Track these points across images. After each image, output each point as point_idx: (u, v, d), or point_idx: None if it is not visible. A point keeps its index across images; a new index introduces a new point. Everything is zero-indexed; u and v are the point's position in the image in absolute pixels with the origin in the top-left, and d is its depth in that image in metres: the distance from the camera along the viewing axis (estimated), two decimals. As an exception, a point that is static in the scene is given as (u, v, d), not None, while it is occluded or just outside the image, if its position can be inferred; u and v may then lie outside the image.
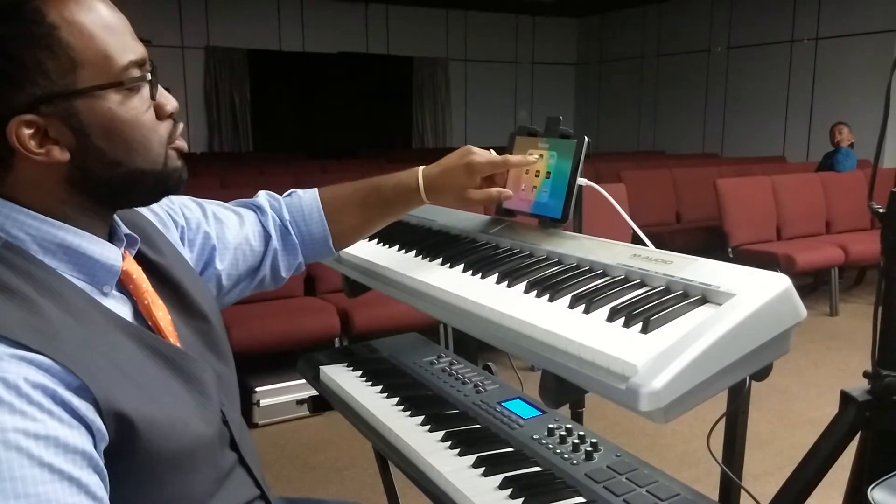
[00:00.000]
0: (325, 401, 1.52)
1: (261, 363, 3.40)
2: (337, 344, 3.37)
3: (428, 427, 1.22)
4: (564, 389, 0.87)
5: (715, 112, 9.76)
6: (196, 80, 9.56)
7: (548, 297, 0.97)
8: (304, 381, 1.62)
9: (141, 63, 0.81)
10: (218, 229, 1.11)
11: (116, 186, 0.82)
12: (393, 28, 10.70)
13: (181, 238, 1.06)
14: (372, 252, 1.33)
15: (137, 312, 0.87)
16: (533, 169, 1.21)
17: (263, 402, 3.25)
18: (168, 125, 0.86)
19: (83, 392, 0.70)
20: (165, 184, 0.87)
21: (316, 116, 10.18)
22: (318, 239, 1.18)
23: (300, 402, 3.26)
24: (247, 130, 9.93)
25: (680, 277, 0.90)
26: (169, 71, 9.01)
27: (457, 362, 1.53)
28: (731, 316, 0.78)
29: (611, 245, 1.06)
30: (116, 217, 0.89)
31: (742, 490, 1.12)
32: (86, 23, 0.76)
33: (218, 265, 1.10)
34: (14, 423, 0.65)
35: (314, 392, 1.58)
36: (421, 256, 1.25)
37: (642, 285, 0.95)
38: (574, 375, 0.83)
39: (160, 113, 0.84)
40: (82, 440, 0.68)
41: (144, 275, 0.89)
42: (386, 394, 1.37)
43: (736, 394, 1.07)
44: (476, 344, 1.70)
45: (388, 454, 1.23)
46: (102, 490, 0.70)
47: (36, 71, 0.74)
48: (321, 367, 1.53)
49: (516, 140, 1.28)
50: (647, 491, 1.01)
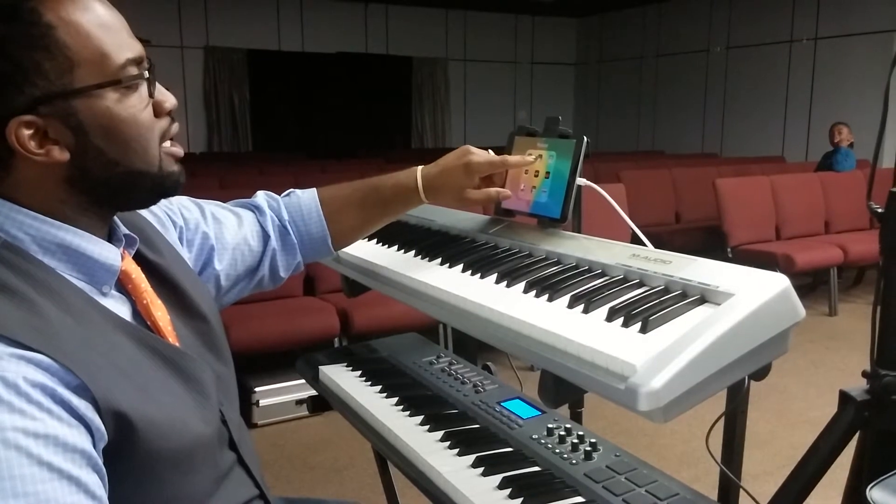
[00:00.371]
0: (325, 401, 1.52)
1: (260, 363, 3.40)
2: (336, 344, 3.37)
3: (427, 427, 1.22)
4: (563, 389, 0.88)
5: (714, 112, 9.76)
6: (195, 80, 9.56)
7: (547, 297, 0.97)
8: (304, 381, 1.61)
9: (138, 61, 0.81)
10: (216, 229, 1.11)
11: (115, 187, 0.82)
12: (392, 28, 10.70)
13: (180, 238, 1.06)
14: (371, 252, 1.33)
15: (136, 312, 0.87)
16: (532, 169, 1.21)
17: (263, 402, 3.25)
18: (164, 123, 0.85)
19: (82, 391, 0.70)
20: (162, 185, 0.86)
21: (315, 116, 10.18)
22: (317, 239, 1.18)
23: (299, 403, 3.26)
24: (246, 130, 9.94)
25: (679, 277, 0.90)
26: (168, 71, 9.00)
27: (456, 362, 1.53)
28: (730, 316, 0.78)
29: (610, 245, 1.06)
30: (116, 218, 0.89)
31: (741, 490, 1.12)
32: (82, 22, 0.76)
33: (217, 265, 1.10)
34: (13, 422, 0.65)
35: (313, 392, 1.58)
36: (420, 256, 1.25)
37: (641, 285, 0.95)
38: (573, 375, 0.83)
39: (159, 110, 0.84)
40: (81, 439, 0.68)
41: (143, 275, 0.89)
42: (385, 394, 1.37)
43: (735, 393, 1.07)
44: (475, 344, 1.70)
45: (388, 454, 1.23)
46: (101, 489, 0.70)
47: (34, 72, 0.74)
48: (320, 367, 1.53)
49: (515, 140, 1.28)
50: (647, 491, 1.01)
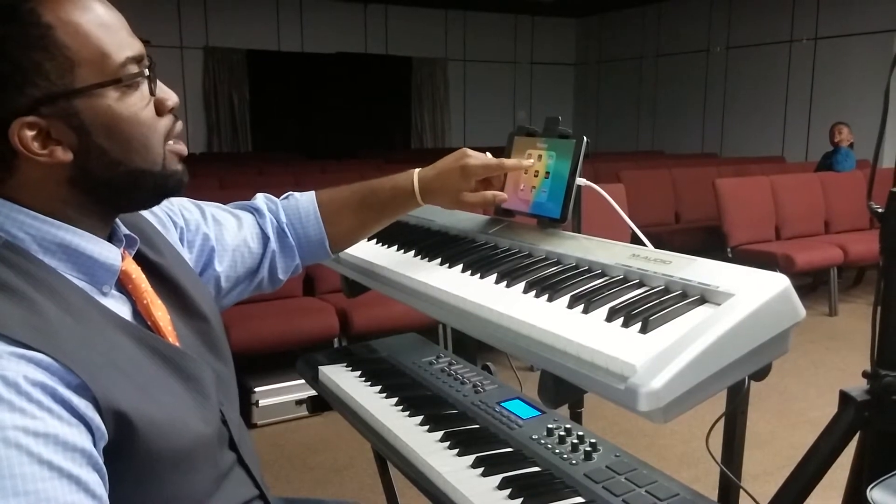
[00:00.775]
0: (324, 401, 1.52)
1: (260, 363, 3.40)
2: (336, 344, 3.37)
3: (427, 427, 1.22)
4: (563, 389, 0.88)
5: (714, 112, 9.76)
6: (195, 81, 9.56)
7: (547, 297, 0.97)
8: (303, 382, 1.61)
9: (139, 59, 0.81)
10: (217, 231, 1.11)
11: (117, 187, 0.82)
12: (392, 28, 10.69)
13: (180, 239, 1.07)
14: (371, 252, 1.33)
15: (137, 312, 0.87)
16: (532, 169, 1.21)
17: (262, 403, 3.25)
18: (168, 122, 0.85)
19: (82, 390, 0.70)
20: (165, 185, 0.86)
21: (315, 117, 10.17)
22: (315, 241, 1.18)
23: (299, 403, 3.26)
24: (245, 131, 9.93)
25: (679, 277, 0.90)
26: (168, 71, 8.98)
27: (456, 362, 1.53)
28: (730, 316, 0.78)
29: (610, 245, 1.05)
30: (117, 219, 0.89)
31: (741, 490, 1.12)
32: (81, 22, 0.76)
33: (217, 267, 1.10)
34: (13, 421, 0.65)
35: (313, 392, 1.58)
36: (420, 256, 1.25)
37: (641, 285, 0.95)
38: (573, 375, 0.83)
39: (161, 108, 0.84)
40: (81, 438, 0.68)
41: (144, 275, 0.89)
42: (385, 394, 1.37)
43: (735, 394, 1.07)
44: (475, 344, 1.70)
45: (387, 454, 1.23)
46: (101, 488, 0.70)
47: (34, 72, 0.74)
48: (320, 368, 1.53)
49: (515, 140, 1.28)
50: (646, 491, 1.01)
